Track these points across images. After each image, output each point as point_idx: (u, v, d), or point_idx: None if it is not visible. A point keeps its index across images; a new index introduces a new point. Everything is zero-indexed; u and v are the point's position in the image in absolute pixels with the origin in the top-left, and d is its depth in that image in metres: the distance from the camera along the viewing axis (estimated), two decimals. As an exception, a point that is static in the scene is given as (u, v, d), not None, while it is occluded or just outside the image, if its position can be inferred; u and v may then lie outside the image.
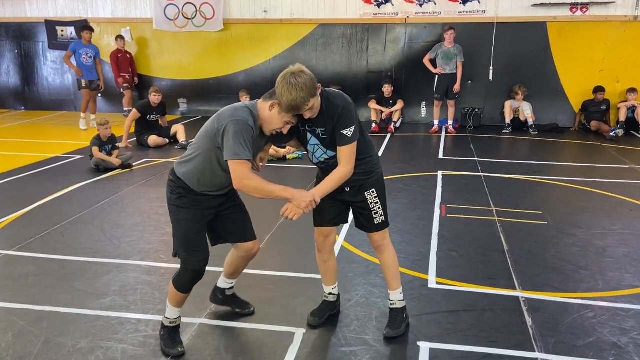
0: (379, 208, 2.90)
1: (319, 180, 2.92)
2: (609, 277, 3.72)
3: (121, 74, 10.31)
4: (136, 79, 10.75)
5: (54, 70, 11.71)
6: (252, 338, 2.94)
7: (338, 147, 2.71)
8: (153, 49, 11.05)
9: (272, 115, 2.62)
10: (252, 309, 3.19)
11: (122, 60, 10.40)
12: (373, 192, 2.89)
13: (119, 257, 4.01)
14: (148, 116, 8.12)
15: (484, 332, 3.01)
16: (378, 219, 2.91)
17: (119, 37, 10.50)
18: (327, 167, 2.82)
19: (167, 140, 8.18)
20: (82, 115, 9.72)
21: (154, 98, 8.10)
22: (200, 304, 3.29)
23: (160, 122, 8.38)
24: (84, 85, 9.70)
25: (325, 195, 2.72)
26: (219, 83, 10.93)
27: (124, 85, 10.35)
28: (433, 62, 9.24)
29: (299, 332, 2.98)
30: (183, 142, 7.98)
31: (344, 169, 2.72)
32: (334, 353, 2.81)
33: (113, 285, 3.56)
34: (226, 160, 2.52)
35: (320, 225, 3.02)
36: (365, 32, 10.18)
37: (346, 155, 2.71)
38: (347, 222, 3.08)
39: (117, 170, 6.59)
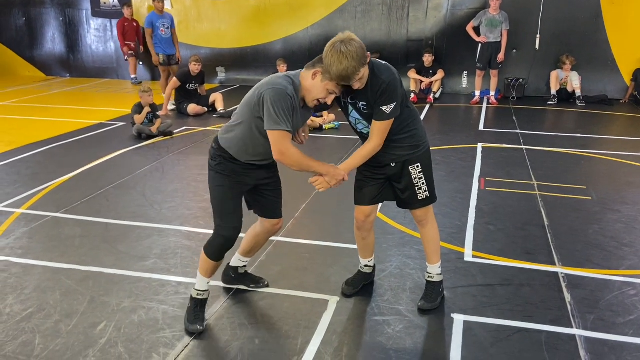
0: (422, 183, 2.82)
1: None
2: (654, 255, 3.59)
3: (126, 42, 10.25)
4: (142, 48, 10.63)
5: (97, 38, 11.93)
6: (287, 304, 3.00)
7: (373, 120, 2.65)
8: (192, 17, 11.07)
9: (314, 84, 2.52)
10: (266, 283, 3.16)
11: (129, 28, 10.33)
12: (418, 166, 2.80)
13: (160, 222, 4.14)
14: (187, 85, 8.21)
15: (520, 306, 2.98)
16: (422, 195, 2.83)
17: (126, 5, 10.45)
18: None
19: (206, 109, 8.27)
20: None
21: (194, 67, 8.15)
22: (237, 270, 3.37)
23: (199, 91, 8.46)
24: (161, 61, 8.98)
25: (353, 168, 2.71)
26: (256, 52, 10.90)
27: (129, 52, 10.32)
28: (477, 30, 8.92)
29: (333, 300, 3.02)
30: (221, 111, 8.06)
31: (373, 144, 2.67)
32: (367, 322, 2.84)
33: (154, 248, 3.69)
34: (266, 130, 2.48)
35: (361, 204, 2.94)
36: (406, -2, 9.89)
37: (379, 130, 2.65)
38: (391, 199, 2.96)
39: (158, 137, 6.73)
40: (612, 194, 4.76)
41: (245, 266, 3.17)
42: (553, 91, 9.10)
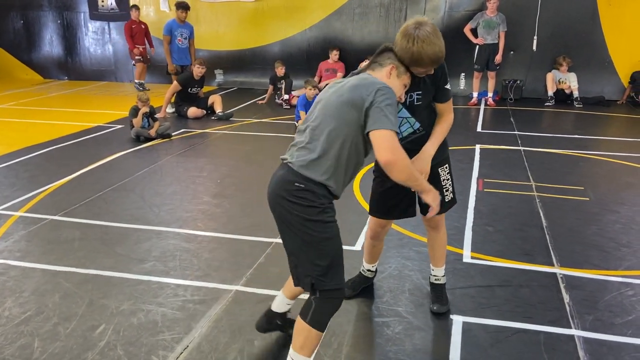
0: (449, 185, 2.78)
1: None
2: (652, 255, 3.60)
3: (135, 46, 9.91)
4: (153, 50, 10.29)
5: (95, 41, 11.94)
6: (287, 306, 3.00)
7: (441, 105, 2.59)
8: (190, 19, 11.00)
9: (392, 82, 2.27)
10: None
11: (137, 31, 10.03)
12: (446, 168, 2.75)
13: (159, 224, 4.13)
14: (189, 89, 8.20)
15: (519, 307, 2.98)
16: (448, 197, 2.77)
17: (134, 7, 10.17)
18: (409, 144, 2.56)
19: (205, 112, 8.27)
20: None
21: (198, 71, 8.12)
22: (236, 271, 3.37)
23: (199, 94, 8.47)
24: (175, 72, 8.60)
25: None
26: (254, 54, 10.92)
27: (137, 57, 9.99)
28: (474, 32, 8.95)
29: (332, 302, 3.02)
30: (220, 113, 8.06)
31: (450, 118, 2.62)
32: (366, 323, 2.84)
33: (153, 251, 3.68)
34: (367, 133, 2.04)
35: (383, 218, 2.85)
36: (403, 0, 9.92)
37: (449, 108, 2.60)
38: (412, 214, 2.83)
39: (156, 140, 6.73)
40: (610, 194, 4.77)
41: (289, 310, 2.69)
42: (550, 92, 9.13)
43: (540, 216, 4.27)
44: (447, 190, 2.78)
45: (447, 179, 2.78)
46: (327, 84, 10.83)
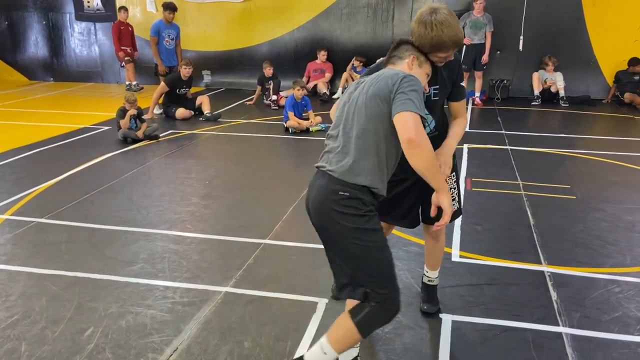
0: (456, 194, 2.71)
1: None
2: (637, 252, 3.65)
3: (122, 47, 9.78)
4: (136, 53, 10.15)
5: (81, 42, 11.82)
6: (276, 307, 3.00)
7: (456, 104, 2.54)
8: (178, 20, 10.94)
9: (414, 72, 2.19)
10: None
11: (125, 33, 9.90)
12: (453, 176, 2.66)
13: (147, 226, 4.11)
14: (178, 90, 8.15)
15: (507, 305, 3.01)
16: (455, 206, 2.64)
17: (122, 9, 10.08)
18: None
19: (193, 113, 8.23)
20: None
21: (185, 71, 8.09)
22: (226, 273, 3.36)
23: (187, 95, 8.42)
24: (164, 73, 8.51)
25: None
26: (242, 54, 10.89)
27: (125, 58, 9.83)
28: (461, 32, 8.99)
29: (322, 302, 3.02)
30: (208, 114, 8.03)
31: (465, 120, 2.58)
32: (357, 323, 2.84)
33: (142, 253, 3.66)
34: (399, 112, 1.95)
35: (389, 222, 2.75)
36: (391, 1, 9.95)
37: (463, 109, 2.57)
38: (416, 224, 2.75)
39: (144, 141, 6.68)
40: (595, 193, 4.83)
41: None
42: (536, 92, 9.21)
43: (528, 215, 4.31)
44: (453, 200, 2.66)
45: (454, 188, 2.71)
46: (315, 84, 10.76)
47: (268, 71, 9.15)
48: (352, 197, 2.00)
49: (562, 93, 9.10)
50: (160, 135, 6.96)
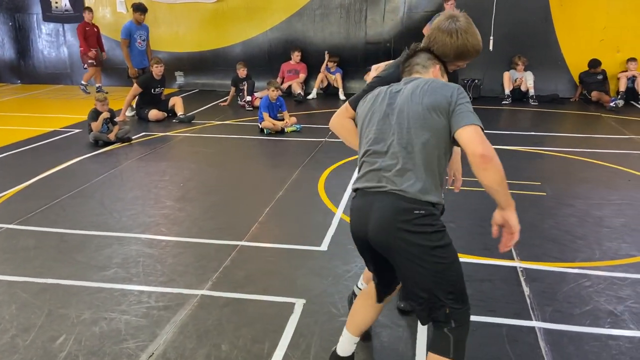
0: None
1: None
2: (606, 246, 3.75)
3: (89, 49, 9.57)
4: (104, 54, 10.00)
5: (49, 43, 11.56)
6: (253, 309, 2.98)
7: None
8: (148, 21, 10.81)
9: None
10: None
11: (90, 34, 9.71)
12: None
13: (120, 230, 4.03)
14: (152, 89, 8.03)
15: (482, 301, 3.05)
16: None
17: (87, 9, 9.84)
18: None
19: (166, 114, 8.12)
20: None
21: (157, 70, 7.99)
22: (202, 275, 3.33)
23: (161, 95, 8.32)
24: (136, 75, 8.34)
25: None
26: (216, 55, 10.80)
27: (89, 61, 9.62)
28: (433, 33, 9.10)
29: (300, 303, 3.02)
30: (181, 116, 7.94)
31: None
32: (334, 323, 2.85)
33: (115, 257, 3.59)
34: (454, 133, 1.91)
35: None
36: (363, 2, 10.01)
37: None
38: None
39: (116, 144, 6.56)
40: (565, 189, 4.94)
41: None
42: (507, 91, 9.39)
43: (500, 212, 4.38)
44: None
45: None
46: (290, 85, 10.73)
47: (242, 72, 9.10)
48: (427, 215, 1.90)
49: (531, 92, 9.29)
50: (133, 137, 6.85)
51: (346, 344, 2.35)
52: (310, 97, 9.87)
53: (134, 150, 6.36)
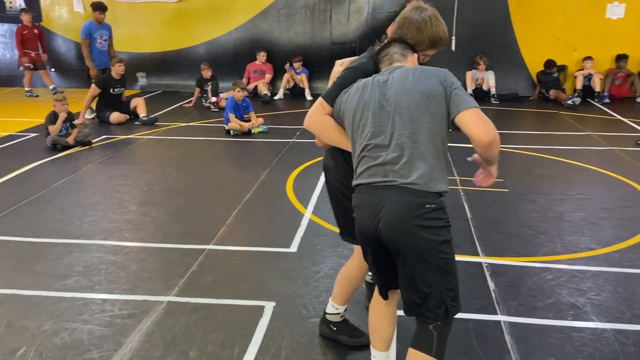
0: None
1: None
2: (567, 240, 3.86)
3: (25, 51, 9.26)
4: (45, 56, 9.75)
5: (3, 45, 11.14)
6: (222, 314, 2.94)
7: None
8: (107, 21, 10.59)
9: None
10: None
11: (29, 37, 9.40)
12: None
13: (81, 237, 3.91)
14: (112, 89, 7.82)
15: (449, 298, 3.09)
16: None
17: (24, 11, 9.52)
18: None
19: (128, 117, 7.93)
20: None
21: (119, 69, 7.79)
22: (168, 281, 3.26)
23: (122, 96, 8.12)
24: (95, 76, 8.04)
25: None
26: (179, 56, 10.63)
27: (26, 64, 9.33)
28: (396, 33, 9.20)
29: (269, 306, 2.99)
30: (144, 118, 7.77)
31: None
32: (304, 325, 2.84)
33: (76, 265, 3.48)
34: (454, 117, 1.93)
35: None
36: (328, 2, 10.03)
37: None
38: None
39: (75, 148, 6.37)
40: (526, 185, 5.07)
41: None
42: (469, 90, 9.57)
43: (465, 209, 4.46)
44: None
45: None
46: (256, 86, 10.64)
47: (206, 73, 8.99)
48: (437, 208, 1.90)
49: (493, 91, 9.50)
50: (93, 140, 6.67)
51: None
52: (276, 97, 9.83)
53: (94, 154, 6.19)
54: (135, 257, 3.62)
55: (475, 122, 1.90)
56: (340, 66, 2.39)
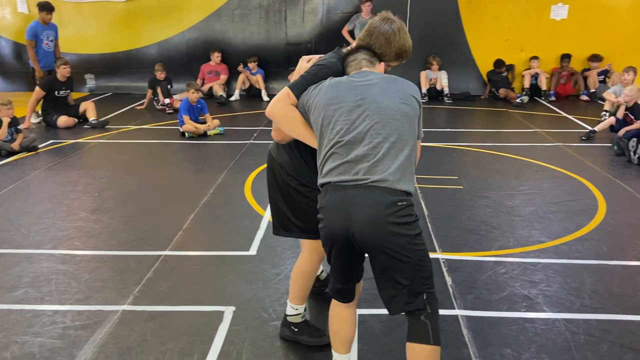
0: None
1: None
2: (518, 234, 3.99)
3: None
4: None
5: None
6: (180, 321, 2.87)
7: None
8: (53, 21, 10.21)
9: None
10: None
11: None
12: None
13: (29, 247, 3.74)
14: (57, 92, 7.53)
15: (408, 294, 3.13)
16: None
17: None
18: None
19: (77, 120, 7.65)
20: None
21: (64, 71, 7.52)
22: (122, 290, 3.16)
23: (68, 99, 7.82)
24: (42, 76, 7.72)
25: None
26: (129, 57, 10.34)
27: None
28: (352, 34, 9.28)
29: (229, 310, 2.95)
30: (93, 121, 7.51)
31: None
32: (265, 328, 2.81)
33: (24, 276, 3.32)
34: (420, 138, 2.17)
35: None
36: (282, 2, 10.00)
37: None
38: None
39: (21, 153, 6.10)
40: (479, 182, 5.21)
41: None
42: (423, 90, 9.75)
43: (422, 206, 4.54)
44: None
45: None
46: (211, 87, 10.48)
47: (160, 75, 8.79)
48: (408, 205, 1.97)
49: (446, 90, 9.72)
50: (40, 146, 6.40)
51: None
52: (232, 98, 9.72)
53: (41, 160, 5.94)
54: (87, 266, 3.49)
55: (419, 152, 2.24)
56: (306, 62, 2.38)
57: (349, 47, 2.37)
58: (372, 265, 2.05)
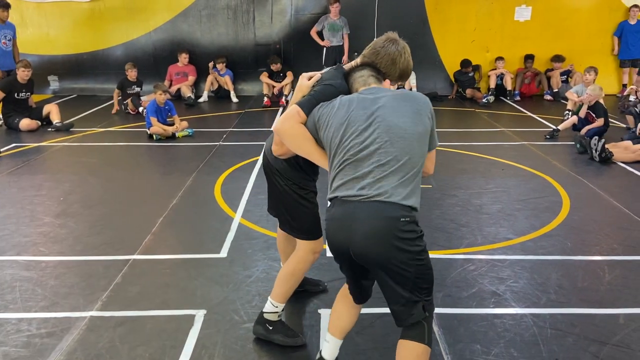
0: None
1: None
2: (486, 232, 4.07)
3: None
4: None
5: None
6: (150, 326, 2.82)
7: None
8: (14, 22, 9.87)
9: None
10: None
11: None
12: None
13: (-9, 254, 3.62)
14: (16, 94, 7.31)
15: (378, 293, 3.09)
16: None
17: None
18: None
19: (40, 123, 7.44)
20: None
21: (23, 74, 7.31)
22: (90, 296, 3.09)
23: (29, 102, 7.60)
24: (1, 77, 7.54)
25: None
26: (94, 58, 10.12)
27: None
28: (320, 34, 9.30)
29: (200, 314, 2.91)
30: (57, 124, 7.32)
31: None
32: (237, 330, 2.79)
33: (-15, 285, 3.21)
34: (432, 149, 2.20)
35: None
36: (250, 3, 9.94)
37: None
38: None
39: (-19, 157, 5.90)
40: (448, 180, 5.29)
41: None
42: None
43: (392, 206, 4.57)
44: None
45: None
46: (179, 88, 10.34)
47: (131, 74, 8.61)
48: (412, 221, 1.98)
49: (414, 90, 9.83)
50: (1, 150, 6.19)
51: (332, 348, 2.36)
52: (201, 100, 9.61)
53: (2, 164, 5.75)
54: (52, 272, 3.39)
55: (433, 160, 2.25)
56: (308, 80, 2.39)
57: (351, 63, 2.42)
58: (376, 279, 2.10)
